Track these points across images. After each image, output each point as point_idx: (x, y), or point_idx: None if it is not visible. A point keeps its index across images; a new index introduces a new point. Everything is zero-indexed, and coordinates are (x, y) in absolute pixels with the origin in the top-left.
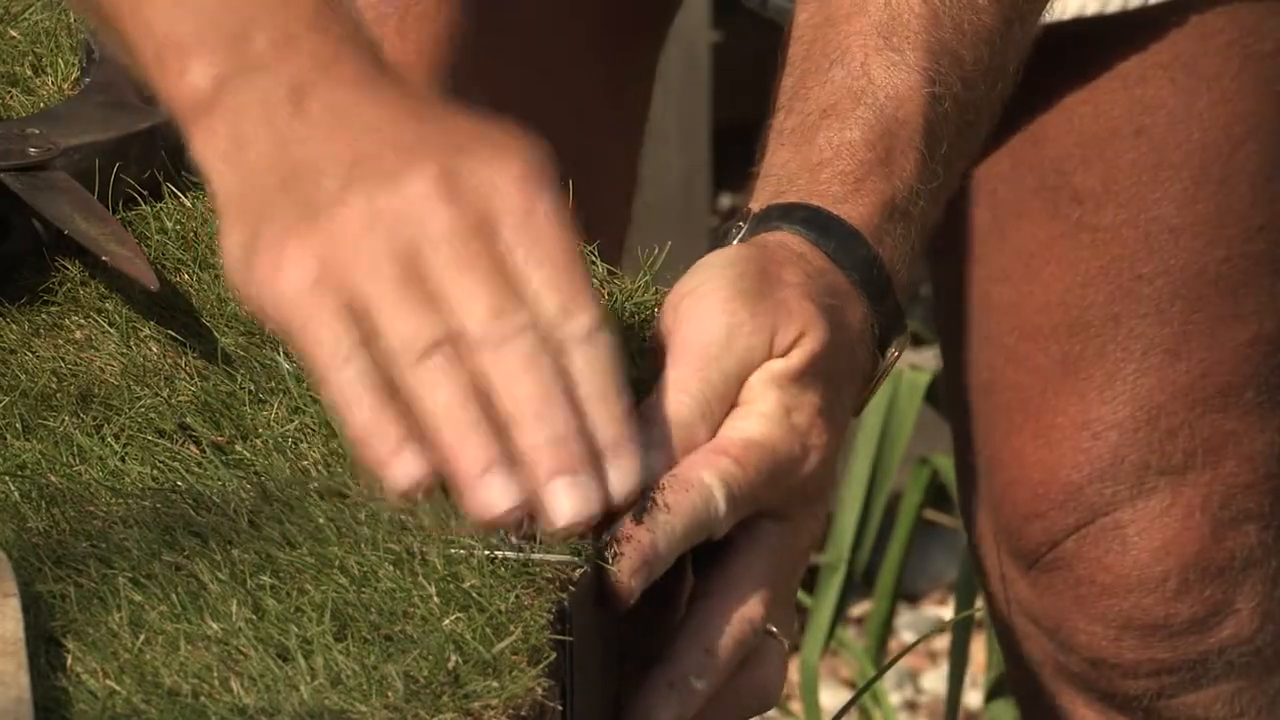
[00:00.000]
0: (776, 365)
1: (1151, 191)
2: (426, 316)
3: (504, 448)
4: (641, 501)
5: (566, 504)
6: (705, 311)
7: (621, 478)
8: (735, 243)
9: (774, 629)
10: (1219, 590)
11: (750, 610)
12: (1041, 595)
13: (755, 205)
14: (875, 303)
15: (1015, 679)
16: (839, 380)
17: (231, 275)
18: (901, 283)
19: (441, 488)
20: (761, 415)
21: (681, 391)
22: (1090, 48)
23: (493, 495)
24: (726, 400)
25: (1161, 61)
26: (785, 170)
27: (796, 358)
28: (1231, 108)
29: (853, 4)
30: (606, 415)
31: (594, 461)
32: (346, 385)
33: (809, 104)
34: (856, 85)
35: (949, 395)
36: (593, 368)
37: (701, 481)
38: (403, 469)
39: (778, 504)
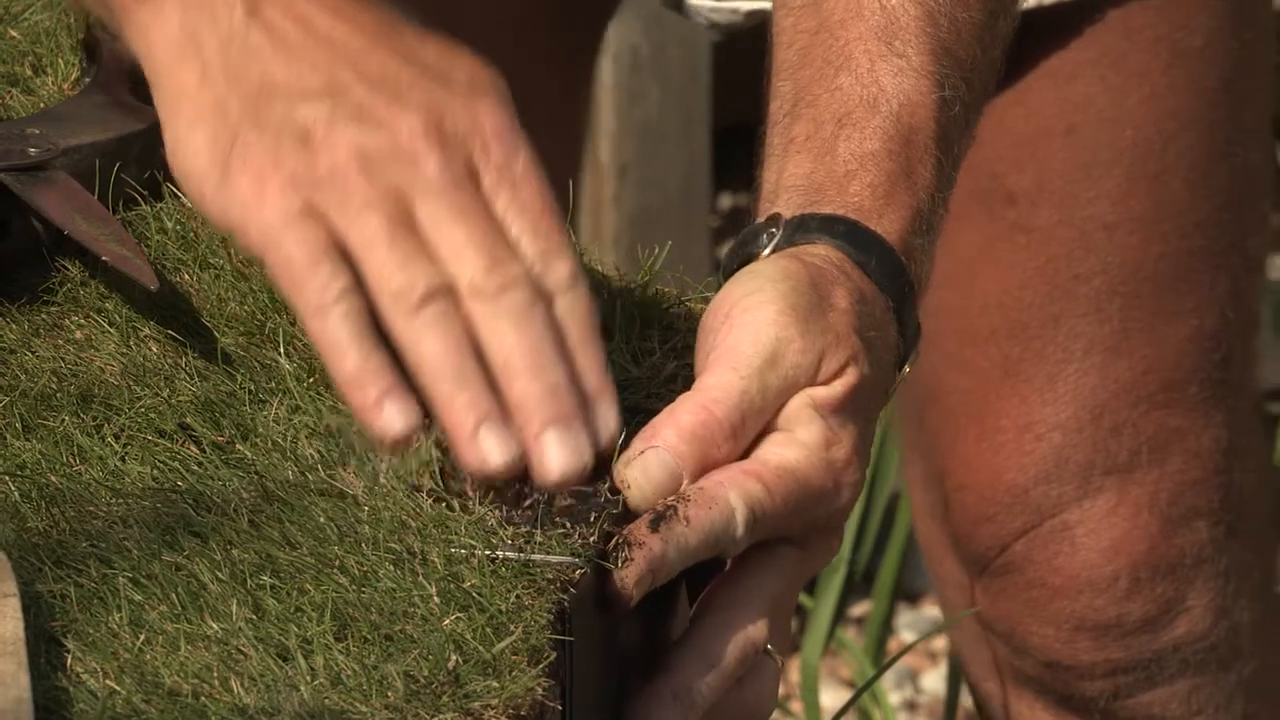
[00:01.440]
0: (819, 393)
1: (1085, 190)
2: (420, 265)
3: (497, 400)
4: (661, 509)
5: (559, 456)
6: (756, 321)
7: (606, 424)
8: (770, 249)
9: (770, 647)
10: (1171, 588)
11: (756, 630)
12: (994, 600)
13: (785, 212)
14: (902, 325)
15: (973, 684)
16: (873, 415)
17: (196, 180)
18: (923, 297)
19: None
20: (802, 445)
21: (717, 402)
22: (1019, 47)
23: (488, 450)
24: (763, 415)
25: (1090, 59)
26: (810, 180)
27: (839, 388)
28: (1162, 104)
29: (846, 9)
30: (590, 363)
31: (583, 411)
32: (334, 329)
33: (820, 111)
34: (868, 93)
35: (896, 405)
36: (575, 316)
37: (726, 501)
38: (389, 419)
39: (798, 532)
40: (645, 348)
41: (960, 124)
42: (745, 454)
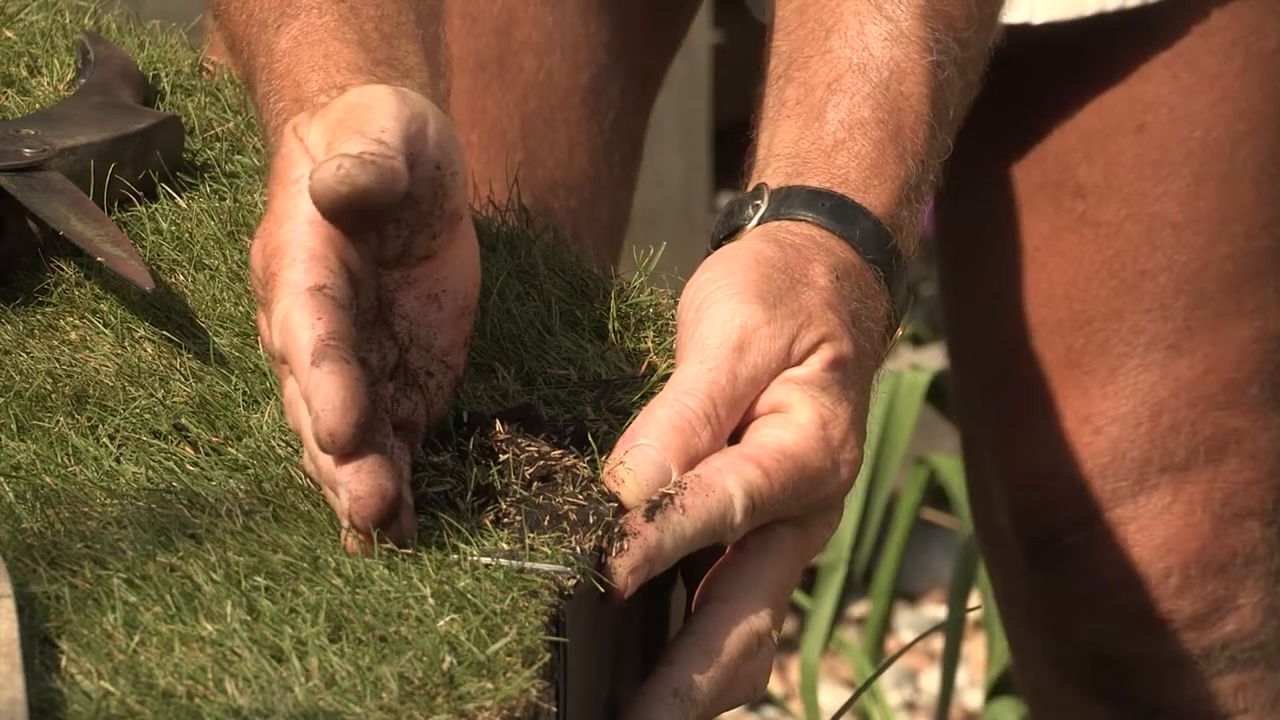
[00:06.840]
0: (798, 374)
1: (1154, 187)
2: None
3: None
4: (657, 499)
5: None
6: (721, 313)
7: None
8: (755, 222)
9: None
10: (1221, 586)
11: (759, 620)
12: (1044, 591)
13: (771, 183)
14: (892, 293)
15: (1021, 676)
16: (866, 390)
17: None
18: (910, 263)
19: None
20: (799, 426)
21: (687, 393)
22: (1091, 45)
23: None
24: (737, 402)
25: (1163, 59)
26: (797, 149)
27: (816, 364)
28: (1234, 105)
29: None
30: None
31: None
32: None
33: (810, 74)
34: (858, 59)
35: (955, 393)
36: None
37: (724, 488)
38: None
39: (797, 513)
40: (640, 348)
41: (953, 85)
42: (739, 439)
